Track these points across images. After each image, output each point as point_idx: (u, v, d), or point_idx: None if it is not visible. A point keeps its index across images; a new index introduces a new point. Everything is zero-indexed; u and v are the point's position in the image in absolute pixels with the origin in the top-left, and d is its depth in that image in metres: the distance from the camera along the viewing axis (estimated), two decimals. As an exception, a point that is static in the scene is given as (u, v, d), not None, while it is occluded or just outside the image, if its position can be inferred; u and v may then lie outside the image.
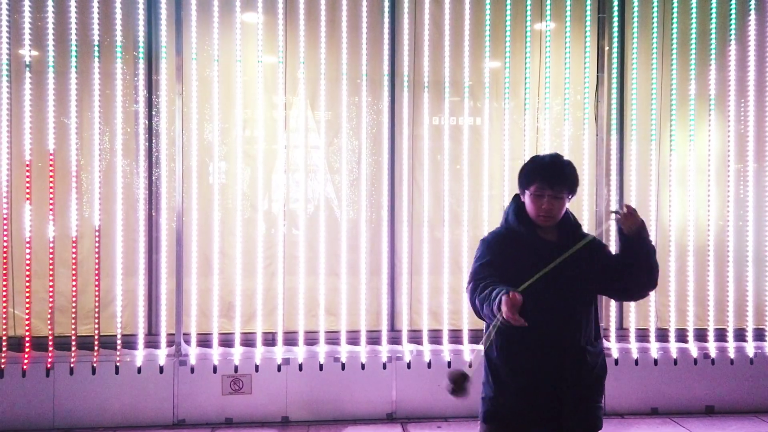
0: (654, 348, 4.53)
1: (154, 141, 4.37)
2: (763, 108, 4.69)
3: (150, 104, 4.37)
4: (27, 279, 4.13)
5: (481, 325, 4.55)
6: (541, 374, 2.26)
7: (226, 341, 4.35)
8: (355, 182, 4.55)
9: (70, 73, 4.19)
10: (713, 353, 4.56)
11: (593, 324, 2.37)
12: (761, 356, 4.59)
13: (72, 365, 4.16)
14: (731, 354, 4.57)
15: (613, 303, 4.57)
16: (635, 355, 4.50)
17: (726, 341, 4.59)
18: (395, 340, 4.48)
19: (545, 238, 2.35)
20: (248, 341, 4.37)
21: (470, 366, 2.15)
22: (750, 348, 4.58)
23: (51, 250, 4.14)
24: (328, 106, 4.51)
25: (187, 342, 4.31)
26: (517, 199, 2.42)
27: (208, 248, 4.36)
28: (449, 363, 4.37)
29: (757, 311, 4.63)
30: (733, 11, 4.64)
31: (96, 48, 4.23)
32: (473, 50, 4.52)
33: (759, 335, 4.63)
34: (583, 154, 4.56)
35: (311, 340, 4.43)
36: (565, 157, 2.40)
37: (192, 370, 4.28)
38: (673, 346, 4.55)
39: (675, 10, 4.64)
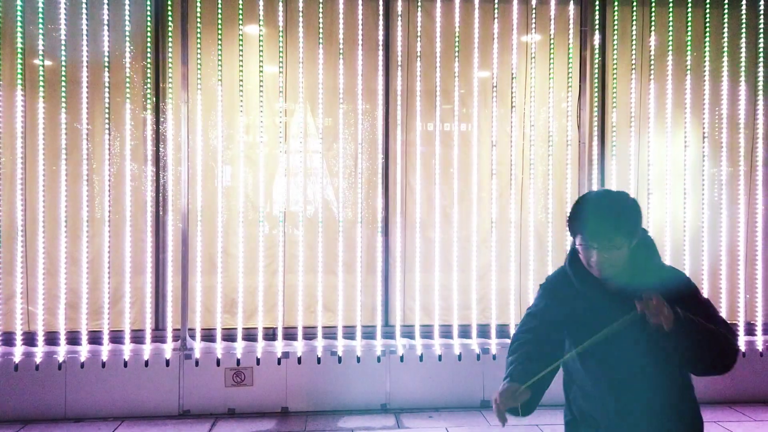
0: (633, 342, 4.76)
1: (161, 146, 4.59)
2: (735, 116, 4.96)
3: (157, 111, 4.60)
4: (43, 276, 4.34)
5: (469, 320, 4.80)
6: None
7: (229, 336, 4.56)
8: (351, 185, 4.78)
9: (82, 82, 4.40)
10: (689, 347, 4.80)
11: (678, 378, 1.96)
12: (734, 350, 4.84)
13: (82, 359, 4.37)
14: (706, 348, 4.81)
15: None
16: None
17: (701, 335, 4.84)
18: (389, 334, 4.70)
19: (607, 288, 1.96)
20: (250, 336, 4.57)
21: None
22: (723, 342, 4.82)
23: (64, 250, 4.35)
24: (326, 113, 4.73)
25: (192, 337, 4.51)
26: None
27: (212, 248, 4.57)
28: (440, 356, 4.60)
29: (730, 306, 4.88)
30: (707, 25, 4.91)
31: (106, 58, 4.44)
32: (463, 60, 4.76)
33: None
34: (566, 160, 4.82)
35: (309, 334, 4.63)
36: (627, 195, 1.97)
37: (196, 363, 4.49)
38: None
39: (653, 24, 4.90)
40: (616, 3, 4.88)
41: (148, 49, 4.54)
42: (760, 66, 4.96)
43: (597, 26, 4.88)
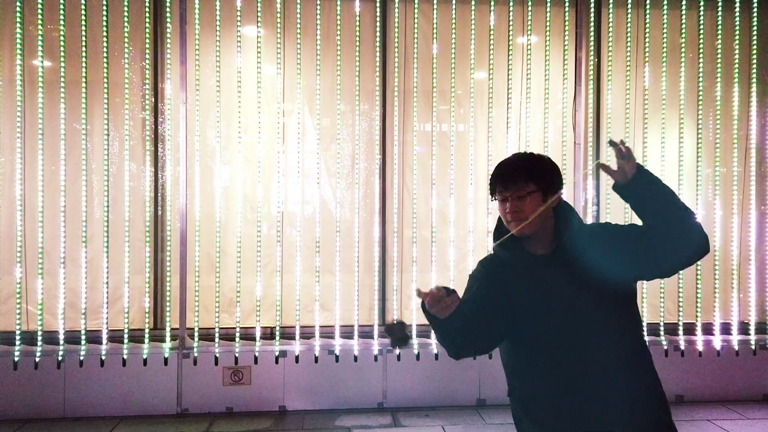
0: (628, 341, 4.80)
1: (160, 146, 4.62)
2: (730, 116, 5.01)
3: (156, 111, 4.63)
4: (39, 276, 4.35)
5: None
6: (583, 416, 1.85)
7: (227, 335, 4.58)
8: (349, 185, 4.81)
9: (81, 82, 4.42)
10: (683, 346, 4.85)
11: (633, 328, 1.97)
12: (727, 349, 4.89)
13: (81, 358, 4.39)
14: (699, 347, 4.86)
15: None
16: (610, 347, 4.77)
17: (695, 335, 4.88)
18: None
19: (535, 253, 1.96)
20: (248, 335, 4.60)
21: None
22: (717, 341, 4.87)
23: (62, 250, 4.37)
24: (324, 114, 4.76)
25: (191, 336, 4.54)
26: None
27: (210, 247, 4.59)
28: (437, 355, 4.64)
29: (723, 306, 4.93)
30: (702, 27, 4.96)
31: (105, 58, 4.47)
32: (459, 61, 4.80)
33: (725, 329, 4.92)
34: (563, 161, 4.86)
35: (307, 334, 4.67)
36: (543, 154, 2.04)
37: (195, 362, 4.52)
38: (645, 339, 4.82)
39: (647, 25, 4.95)
40: (611, 5, 4.92)
41: (147, 50, 4.57)
42: (753, 67, 5.01)
43: (592, 28, 4.93)
